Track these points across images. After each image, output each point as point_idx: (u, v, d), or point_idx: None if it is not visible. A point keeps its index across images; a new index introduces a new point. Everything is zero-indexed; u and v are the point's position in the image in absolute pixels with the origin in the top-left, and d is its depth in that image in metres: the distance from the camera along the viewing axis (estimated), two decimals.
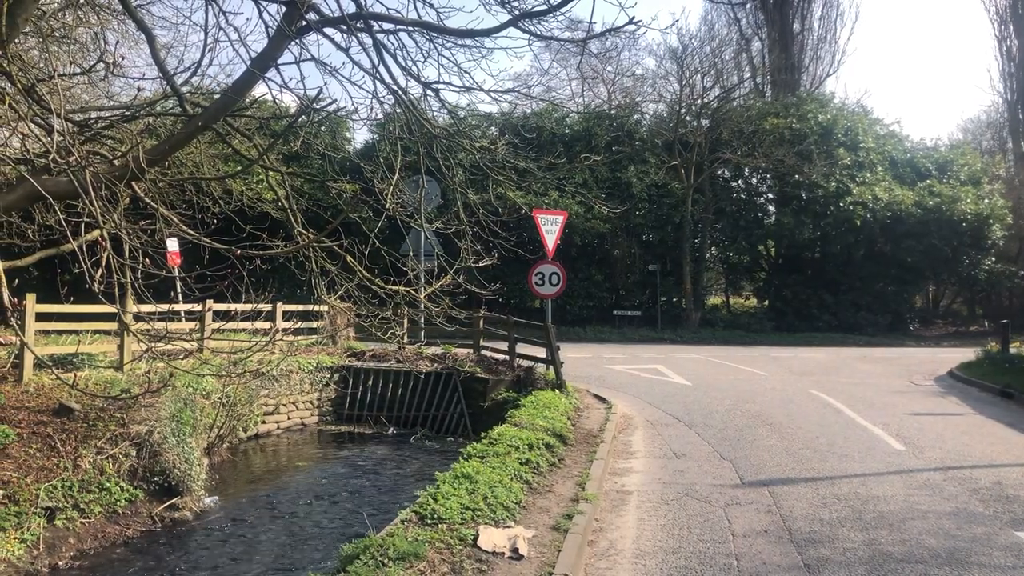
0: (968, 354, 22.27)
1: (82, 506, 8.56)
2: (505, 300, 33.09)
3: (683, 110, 34.63)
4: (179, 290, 21.61)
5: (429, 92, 9.99)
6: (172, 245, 21.12)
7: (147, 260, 6.81)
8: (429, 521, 6.32)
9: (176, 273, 20.18)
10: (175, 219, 8.72)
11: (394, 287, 9.48)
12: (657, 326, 33.18)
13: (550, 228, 15.45)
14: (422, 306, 10.03)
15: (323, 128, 34.11)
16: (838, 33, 39.99)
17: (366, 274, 9.14)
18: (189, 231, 8.63)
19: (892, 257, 33.64)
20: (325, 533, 9.03)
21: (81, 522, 8.42)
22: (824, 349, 27.82)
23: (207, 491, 10.33)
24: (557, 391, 14.01)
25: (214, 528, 9.26)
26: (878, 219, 32.19)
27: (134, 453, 9.60)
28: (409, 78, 9.79)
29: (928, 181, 33.93)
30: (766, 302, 37.55)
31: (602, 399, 14.58)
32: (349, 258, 9.38)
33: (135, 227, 8.21)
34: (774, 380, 18.05)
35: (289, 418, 15.57)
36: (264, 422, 14.87)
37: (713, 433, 11.75)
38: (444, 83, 9.92)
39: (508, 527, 6.44)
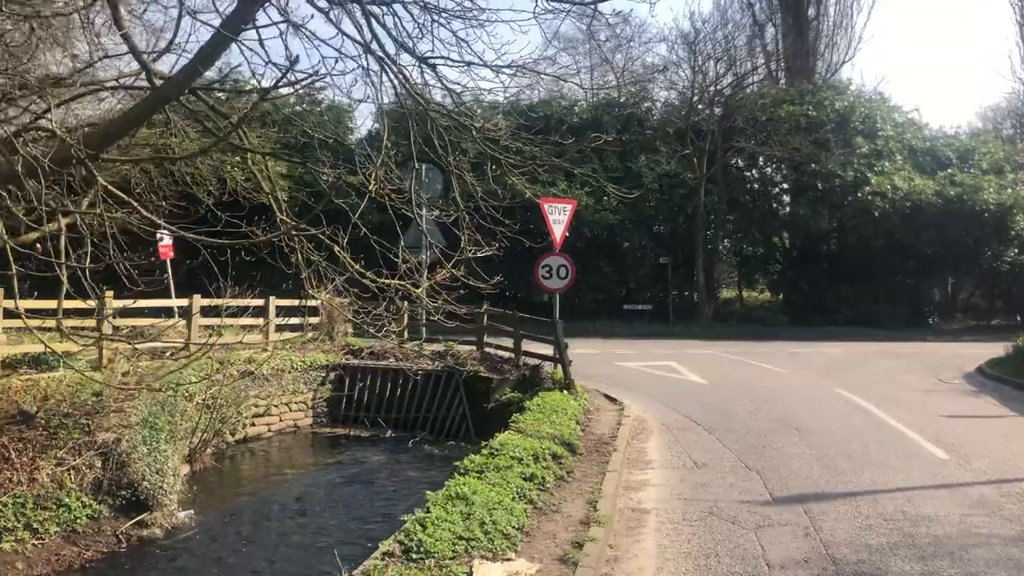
0: (993, 349, 21.20)
1: (35, 525, 7.69)
2: (512, 294, 32.14)
3: (695, 97, 33.53)
4: (171, 284, 20.87)
5: (425, 67, 9.08)
6: (165, 239, 20.27)
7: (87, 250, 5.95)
8: (415, 555, 5.39)
9: (165, 266, 19.36)
10: (135, 203, 7.82)
11: (387, 280, 8.64)
12: (669, 320, 32.16)
13: (558, 218, 14.47)
14: (419, 300, 9.17)
15: (326, 118, 33.33)
16: (854, 18, 38.80)
17: (355, 265, 8.28)
18: (150, 215, 7.73)
19: (911, 249, 32.51)
20: (305, 556, 8.12)
21: (33, 544, 7.55)
22: (842, 344, 26.78)
23: (182, 504, 9.46)
24: (565, 392, 13.09)
25: (185, 547, 8.38)
26: (897, 209, 31.02)
27: (99, 464, 8.72)
28: (402, 51, 8.89)
29: (949, 170, 32.74)
30: (780, 295, 36.48)
31: (613, 400, 13.65)
32: (336, 248, 8.58)
33: (80, 211, 7.33)
34: (795, 378, 17.07)
35: (281, 420, 14.69)
36: (253, 424, 13.99)
37: (735, 438, 10.80)
38: (441, 57, 9.01)
39: (508, 560, 5.52)
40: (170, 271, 20.63)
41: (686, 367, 18.72)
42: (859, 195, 31.02)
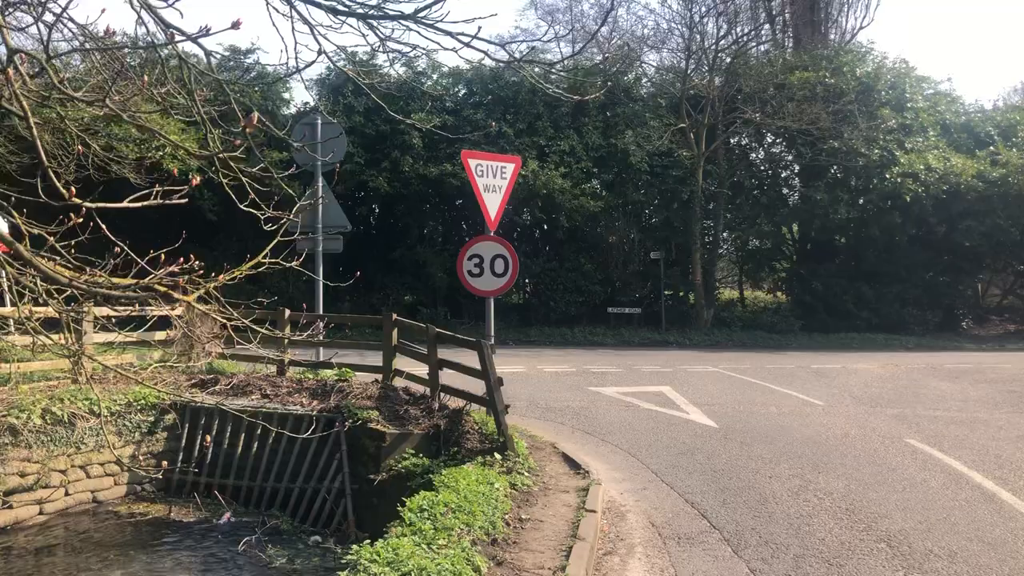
0: None
1: None
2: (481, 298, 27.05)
3: (692, 61, 28.44)
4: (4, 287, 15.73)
5: None
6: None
7: None
8: None
9: None
10: None
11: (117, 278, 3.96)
12: (661, 326, 27.13)
13: (491, 183, 9.42)
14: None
15: (256, 89, 28.31)
16: None
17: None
18: None
19: (945, 241, 27.65)
20: None
21: None
22: (873, 356, 21.85)
23: None
24: (497, 456, 8.11)
25: None
26: (931, 194, 26.01)
27: None
28: None
29: (991, 148, 27.79)
30: (789, 296, 31.52)
31: (576, 466, 8.66)
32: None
33: None
34: (839, 415, 12.09)
35: (69, 494, 9.54)
36: (9, 506, 8.88)
37: (786, 569, 5.79)
38: None
39: None
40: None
41: (685, 395, 13.72)
42: (887, 177, 26.02)
